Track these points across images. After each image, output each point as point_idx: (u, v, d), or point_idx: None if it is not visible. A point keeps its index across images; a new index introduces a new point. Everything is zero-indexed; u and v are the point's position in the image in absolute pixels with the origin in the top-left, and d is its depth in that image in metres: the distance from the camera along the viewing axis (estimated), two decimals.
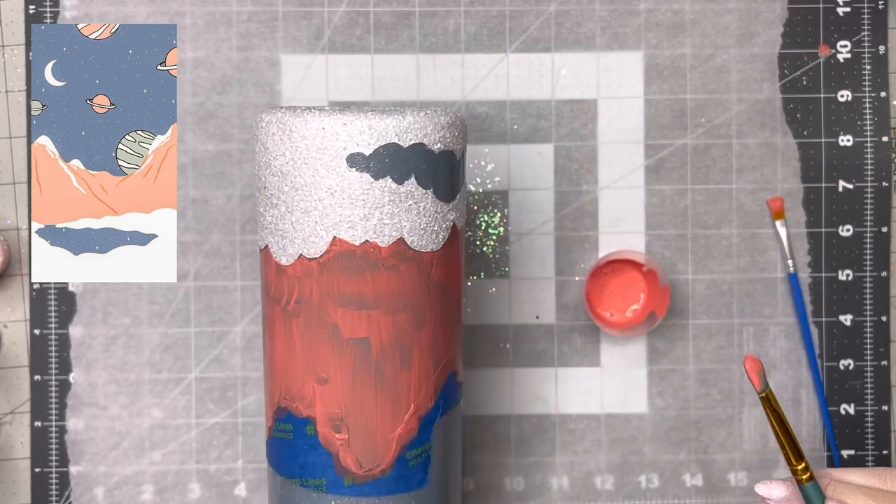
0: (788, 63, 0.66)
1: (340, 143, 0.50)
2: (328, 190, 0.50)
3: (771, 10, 0.66)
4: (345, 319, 0.51)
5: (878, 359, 0.66)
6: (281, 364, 0.53)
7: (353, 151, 0.50)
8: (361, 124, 0.50)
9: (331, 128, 0.50)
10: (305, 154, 0.50)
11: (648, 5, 0.66)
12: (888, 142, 0.66)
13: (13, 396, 0.65)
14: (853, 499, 0.49)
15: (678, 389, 0.66)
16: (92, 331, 0.64)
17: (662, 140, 0.66)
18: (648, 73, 0.66)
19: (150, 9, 0.65)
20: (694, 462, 0.66)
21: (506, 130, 0.66)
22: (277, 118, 0.51)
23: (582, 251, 0.66)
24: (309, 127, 0.50)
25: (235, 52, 0.65)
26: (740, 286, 0.66)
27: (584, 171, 0.66)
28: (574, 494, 0.66)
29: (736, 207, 0.66)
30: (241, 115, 0.65)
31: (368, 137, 0.50)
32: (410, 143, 0.50)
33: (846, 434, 0.66)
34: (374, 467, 0.52)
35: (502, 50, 0.65)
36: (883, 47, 0.66)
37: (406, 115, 0.51)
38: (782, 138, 0.66)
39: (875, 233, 0.66)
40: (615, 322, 0.65)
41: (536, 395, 0.66)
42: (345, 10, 0.65)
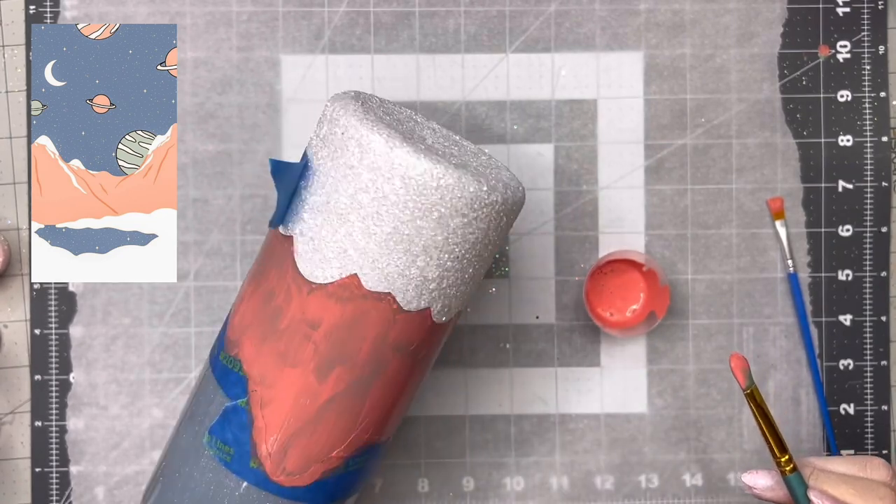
0: (788, 63, 0.66)
1: (444, 208, 0.51)
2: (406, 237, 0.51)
3: (771, 10, 0.66)
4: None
5: (877, 359, 0.66)
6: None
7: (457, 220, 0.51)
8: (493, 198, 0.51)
9: (466, 190, 0.50)
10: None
11: (648, 5, 0.66)
12: (888, 142, 0.66)
13: (13, 396, 0.65)
14: (834, 487, 0.50)
15: (678, 389, 0.66)
16: (92, 331, 0.64)
17: (662, 140, 0.66)
18: (648, 73, 0.66)
19: (150, 9, 0.65)
20: (694, 462, 0.66)
21: (506, 130, 0.66)
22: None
23: (582, 251, 0.66)
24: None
25: (235, 52, 0.65)
26: (740, 286, 0.66)
27: (584, 171, 0.66)
28: (574, 494, 0.66)
29: (736, 207, 0.66)
30: (241, 115, 0.65)
31: (475, 208, 0.51)
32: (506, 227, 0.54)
33: (846, 434, 0.66)
34: (295, 474, 0.53)
35: (502, 50, 0.65)
36: (882, 47, 0.66)
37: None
38: (782, 138, 0.66)
39: (875, 233, 0.66)
40: (615, 322, 0.65)
41: (536, 395, 0.66)
42: (345, 10, 0.65)
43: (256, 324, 0.53)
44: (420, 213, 0.50)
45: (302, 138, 0.65)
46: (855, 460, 0.52)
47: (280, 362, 0.52)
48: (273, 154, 0.65)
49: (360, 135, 0.50)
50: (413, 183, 0.49)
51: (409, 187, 0.49)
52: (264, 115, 0.65)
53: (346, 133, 0.50)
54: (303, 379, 0.52)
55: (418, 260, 0.51)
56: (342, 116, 0.51)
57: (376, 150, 0.49)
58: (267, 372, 0.52)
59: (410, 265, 0.51)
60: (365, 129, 0.50)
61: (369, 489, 0.65)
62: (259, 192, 0.65)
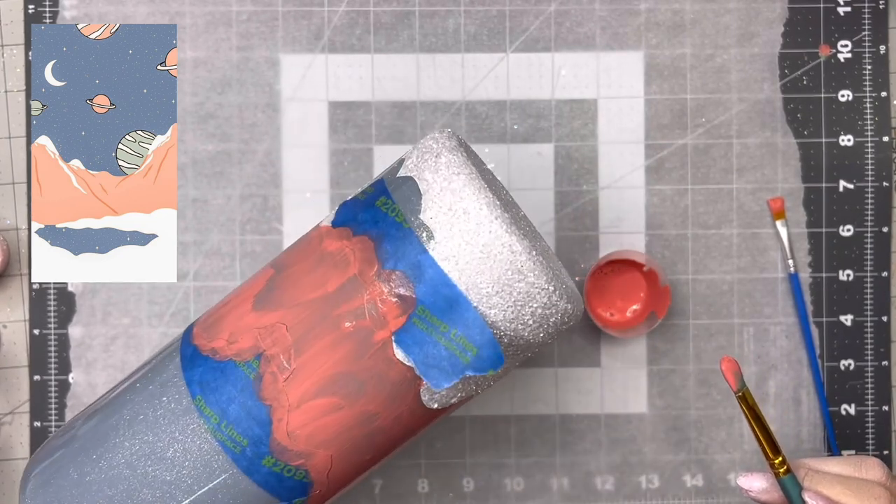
0: (789, 63, 0.66)
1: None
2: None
3: (771, 10, 0.66)
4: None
5: (878, 359, 0.66)
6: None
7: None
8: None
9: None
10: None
11: (648, 5, 0.65)
12: (889, 142, 0.66)
13: (13, 397, 0.65)
14: (828, 488, 0.50)
15: (678, 389, 0.66)
16: (91, 331, 0.64)
17: (662, 140, 0.66)
18: (648, 73, 0.66)
19: (149, 9, 0.65)
20: (694, 462, 0.66)
21: (506, 130, 0.65)
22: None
23: (582, 251, 0.66)
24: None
25: (235, 52, 0.65)
26: (741, 286, 0.66)
27: (584, 171, 0.66)
28: (574, 495, 0.66)
29: (736, 207, 0.66)
30: (241, 115, 0.65)
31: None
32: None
33: (847, 434, 0.66)
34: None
35: (502, 50, 0.65)
36: (883, 47, 0.66)
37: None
38: (783, 138, 0.66)
39: (876, 233, 0.66)
40: (615, 322, 0.65)
41: (536, 395, 0.66)
42: (345, 9, 0.65)
43: (340, 443, 0.50)
44: (542, 338, 0.50)
45: (301, 138, 0.65)
46: (849, 460, 0.51)
47: (361, 467, 0.52)
48: (272, 154, 0.65)
49: (503, 245, 0.48)
50: (548, 309, 0.49)
51: (548, 313, 0.49)
52: (264, 115, 0.65)
53: (488, 244, 0.48)
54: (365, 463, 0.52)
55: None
56: (480, 215, 0.48)
57: (524, 272, 0.48)
58: (342, 476, 0.51)
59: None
60: (510, 238, 0.48)
61: (369, 489, 0.65)
62: (258, 192, 0.65)
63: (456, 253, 0.48)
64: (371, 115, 0.65)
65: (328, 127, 0.65)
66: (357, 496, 0.65)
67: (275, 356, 0.50)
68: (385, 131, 0.65)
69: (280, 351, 0.49)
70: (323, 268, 0.50)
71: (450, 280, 0.47)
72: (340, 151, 0.65)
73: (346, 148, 0.65)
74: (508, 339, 0.49)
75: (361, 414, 0.49)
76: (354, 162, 0.65)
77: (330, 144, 0.65)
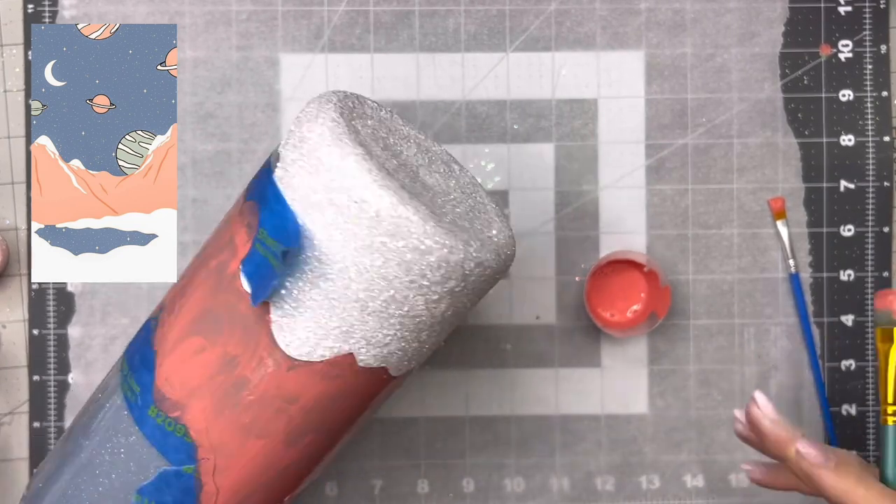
0: (789, 62, 0.66)
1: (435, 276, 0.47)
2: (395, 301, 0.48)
3: (772, 10, 0.66)
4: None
5: None
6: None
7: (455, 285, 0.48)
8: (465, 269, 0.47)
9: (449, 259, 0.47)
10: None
11: (649, 5, 0.65)
12: (889, 141, 0.66)
13: (12, 397, 0.65)
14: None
15: (679, 390, 0.66)
16: (91, 331, 0.64)
17: (663, 140, 0.66)
18: (649, 73, 0.66)
19: (149, 8, 0.64)
20: (695, 463, 0.66)
21: (506, 130, 0.65)
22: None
23: (582, 251, 0.66)
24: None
25: (235, 52, 0.65)
26: (741, 286, 0.66)
27: (584, 171, 0.66)
28: (574, 495, 0.66)
29: (737, 207, 0.66)
30: (241, 115, 0.65)
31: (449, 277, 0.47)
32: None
33: (847, 434, 0.66)
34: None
35: (502, 49, 0.65)
36: (884, 46, 0.66)
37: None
38: (783, 138, 0.66)
39: (876, 233, 0.66)
40: (616, 322, 0.65)
41: (536, 395, 0.65)
42: (345, 9, 0.65)
43: (209, 392, 0.48)
44: (417, 282, 0.46)
45: None
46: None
47: (242, 434, 0.48)
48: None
49: (365, 193, 0.45)
50: (419, 251, 0.45)
51: (417, 256, 0.46)
52: (263, 115, 0.65)
53: (352, 193, 0.45)
54: (270, 448, 0.49)
55: (415, 331, 0.48)
56: (338, 162, 0.46)
57: (382, 213, 0.45)
58: (224, 443, 0.48)
59: (411, 338, 0.48)
60: (372, 186, 0.45)
61: (369, 489, 0.65)
62: None
63: (295, 176, 0.47)
64: None
65: None
66: (357, 496, 0.65)
67: (167, 304, 0.51)
68: None
69: (171, 298, 0.51)
70: (222, 225, 0.52)
71: (284, 200, 0.47)
72: None
73: None
74: (356, 272, 0.46)
75: (223, 356, 0.48)
76: None
77: None
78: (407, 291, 0.46)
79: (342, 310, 0.46)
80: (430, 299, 0.47)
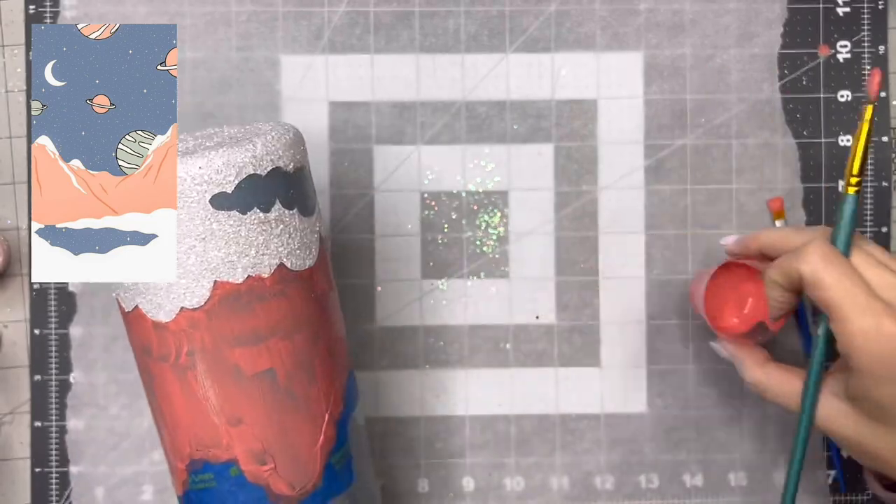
0: (788, 63, 0.66)
1: (202, 188, 0.49)
2: (199, 237, 0.50)
3: (771, 11, 0.66)
4: (245, 358, 0.50)
5: None
6: (185, 418, 0.51)
7: (216, 193, 0.49)
8: (218, 163, 0.49)
9: (188, 173, 0.49)
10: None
11: (648, 5, 0.66)
12: (888, 142, 0.66)
13: (13, 396, 0.65)
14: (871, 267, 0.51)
15: (678, 389, 0.66)
16: (92, 331, 0.64)
17: (662, 140, 0.66)
18: (648, 73, 0.66)
19: (149, 8, 0.65)
20: (694, 462, 0.66)
21: (506, 130, 0.66)
22: None
23: (582, 251, 0.66)
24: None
25: (235, 52, 0.65)
26: None
27: (584, 171, 0.66)
28: (574, 494, 0.66)
29: (736, 207, 0.66)
30: (241, 116, 0.65)
31: (227, 175, 0.49)
32: (268, 169, 0.50)
33: None
34: (307, 483, 0.51)
35: (502, 50, 0.65)
36: (883, 47, 0.66)
37: (256, 142, 0.50)
38: (782, 138, 0.66)
39: (875, 233, 0.66)
40: (734, 326, 0.58)
41: (536, 395, 0.66)
42: (345, 10, 0.65)
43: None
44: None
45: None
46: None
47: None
48: None
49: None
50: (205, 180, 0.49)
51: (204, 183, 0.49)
52: (264, 115, 0.65)
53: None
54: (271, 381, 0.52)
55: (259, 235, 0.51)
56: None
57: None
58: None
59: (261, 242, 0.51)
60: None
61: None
62: None
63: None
64: (371, 115, 0.65)
65: (328, 127, 0.65)
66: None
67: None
68: (385, 131, 0.65)
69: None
70: None
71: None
72: (340, 151, 0.65)
73: (346, 148, 0.65)
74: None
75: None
76: (354, 162, 0.65)
77: (330, 144, 0.65)
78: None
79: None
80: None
